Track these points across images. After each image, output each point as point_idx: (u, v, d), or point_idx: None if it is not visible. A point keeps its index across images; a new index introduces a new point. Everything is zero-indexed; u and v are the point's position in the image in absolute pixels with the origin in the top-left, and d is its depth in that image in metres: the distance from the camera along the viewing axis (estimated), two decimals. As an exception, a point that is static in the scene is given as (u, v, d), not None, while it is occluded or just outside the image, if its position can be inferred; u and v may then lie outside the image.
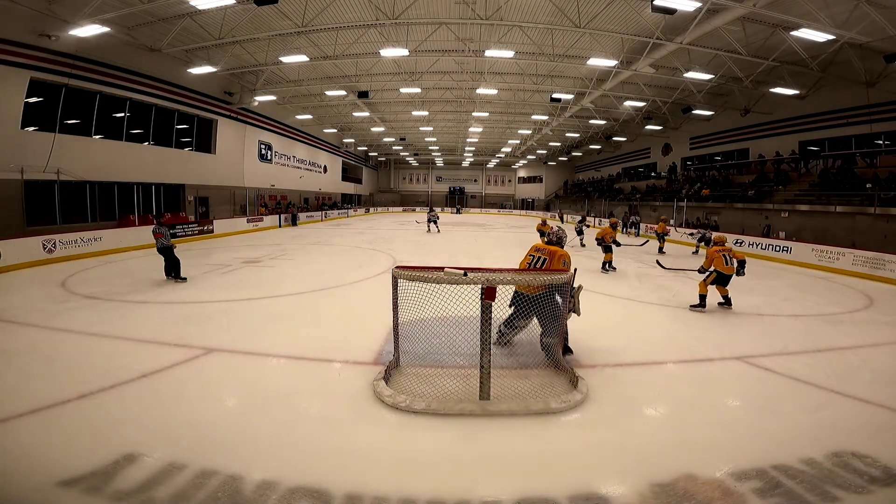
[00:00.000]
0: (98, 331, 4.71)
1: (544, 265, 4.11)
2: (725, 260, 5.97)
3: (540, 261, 4.18)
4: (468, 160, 43.75)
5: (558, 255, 4.14)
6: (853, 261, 10.03)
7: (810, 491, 2.27)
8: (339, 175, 35.46)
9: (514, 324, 4.06)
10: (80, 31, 10.86)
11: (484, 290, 3.11)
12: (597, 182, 36.58)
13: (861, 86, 14.14)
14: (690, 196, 21.03)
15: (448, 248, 14.00)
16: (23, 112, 11.04)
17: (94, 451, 2.47)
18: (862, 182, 14.16)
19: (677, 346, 4.69)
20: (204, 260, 10.08)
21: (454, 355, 3.74)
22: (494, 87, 18.55)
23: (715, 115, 20.63)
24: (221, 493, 2.17)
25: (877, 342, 4.99)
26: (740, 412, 3.28)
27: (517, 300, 3.88)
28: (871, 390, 3.55)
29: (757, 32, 12.21)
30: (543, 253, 4.22)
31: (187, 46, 13.85)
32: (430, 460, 2.56)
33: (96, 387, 3.30)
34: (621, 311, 6.22)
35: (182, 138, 17.28)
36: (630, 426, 2.99)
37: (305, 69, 17.29)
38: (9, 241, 8.62)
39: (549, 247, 4.28)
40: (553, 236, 4.43)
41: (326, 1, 11.92)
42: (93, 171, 13.10)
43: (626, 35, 13.03)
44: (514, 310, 3.96)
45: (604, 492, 2.26)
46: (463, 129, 29.19)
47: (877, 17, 10.24)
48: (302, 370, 3.86)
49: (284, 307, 5.98)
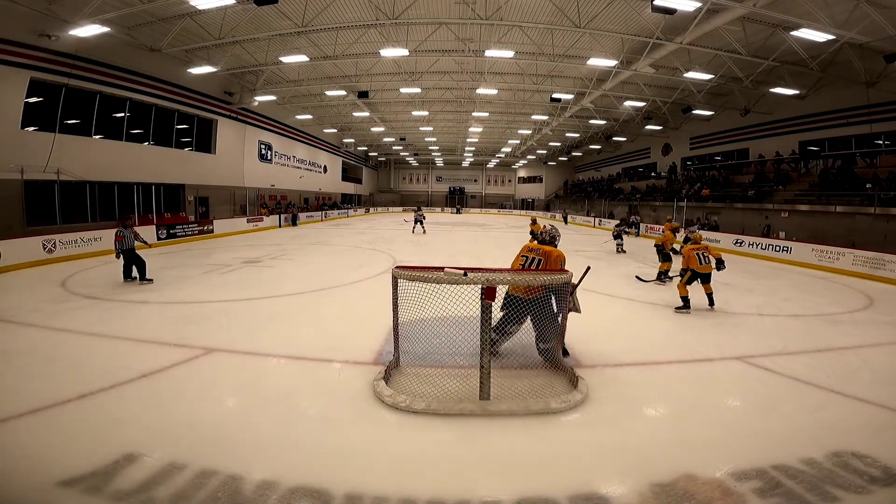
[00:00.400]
0: (98, 331, 4.70)
1: (539, 266, 3.91)
2: (700, 259, 5.93)
3: (534, 262, 3.96)
4: (468, 160, 43.76)
5: (554, 255, 3.94)
6: (853, 261, 10.03)
7: (810, 491, 2.27)
8: (339, 175, 35.47)
9: (506, 329, 3.78)
10: (80, 31, 10.87)
11: (484, 290, 3.11)
12: (597, 182, 36.59)
13: (861, 86, 14.14)
14: (690, 196, 21.03)
15: (448, 248, 14.01)
16: (23, 112, 11.04)
17: (94, 451, 2.47)
18: (862, 182, 14.16)
19: (677, 346, 4.69)
20: (204, 260, 10.08)
21: (454, 355, 3.74)
22: (494, 87, 18.55)
23: (715, 115, 20.63)
24: (221, 493, 2.17)
25: (877, 342, 4.98)
26: (740, 412, 3.28)
27: (509, 303, 3.66)
28: (871, 390, 3.55)
29: (757, 32, 12.21)
30: (538, 253, 4.00)
31: (187, 46, 13.85)
32: (430, 460, 2.56)
33: (96, 387, 3.29)
34: (621, 312, 6.22)
35: (182, 138, 17.28)
36: (630, 426, 2.99)
37: (305, 69, 17.30)
38: (9, 241, 8.61)
39: (542, 247, 4.07)
40: (546, 235, 4.17)
41: (326, 1, 11.92)
42: (93, 171, 13.10)
43: (626, 35, 13.04)
44: (505, 314, 3.69)
45: (604, 492, 2.26)
46: (463, 129, 29.20)
47: (877, 17, 10.24)
48: (302, 370, 3.86)
49: (284, 307, 5.98)
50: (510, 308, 3.67)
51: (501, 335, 3.82)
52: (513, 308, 3.66)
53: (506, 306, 3.68)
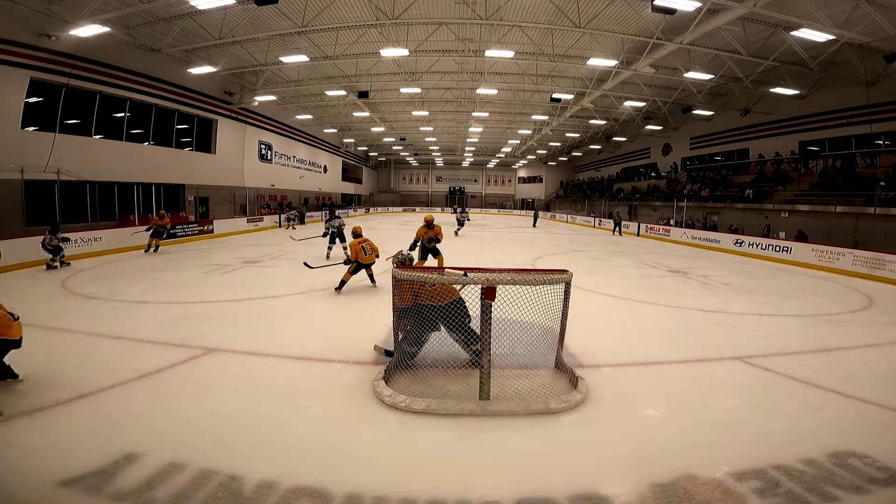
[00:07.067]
0: (98, 331, 4.70)
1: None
2: (364, 251, 6.79)
3: None
4: (468, 160, 43.74)
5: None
6: (853, 261, 10.03)
7: (810, 491, 2.27)
8: (339, 175, 35.47)
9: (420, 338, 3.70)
10: (80, 31, 10.86)
11: (484, 290, 3.11)
12: (597, 182, 36.58)
13: (861, 86, 14.14)
14: (690, 196, 21.03)
15: (447, 247, 13.97)
16: (23, 112, 11.03)
17: (94, 451, 2.47)
18: (862, 182, 14.16)
19: (677, 346, 4.68)
20: (204, 260, 10.08)
21: (454, 355, 3.73)
22: (494, 87, 18.54)
23: (715, 115, 20.62)
24: (221, 493, 2.17)
25: (877, 342, 4.98)
26: (740, 412, 3.27)
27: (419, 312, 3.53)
28: (871, 390, 3.55)
29: (757, 32, 12.21)
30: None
31: (187, 46, 13.84)
32: (429, 460, 2.56)
33: (96, 387, 3.30)
34: (621, 312, 6.22)
35: (182, 138, 17.28)
36: (630, 426, 2.99)
37: (305, 69, 17.29)
38: (9, 241, 8.61)
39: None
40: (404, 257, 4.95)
41: (326, 1, 11.92)
42: (93, 171, 13.09)
43: (626, 35, 13.03)
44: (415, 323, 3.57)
45: (604, 492, 2.26)
46: (463, 129, 29.19)
47: (877, 17, 10.23)
48: (302, 370, 3.86)
49: (284, 307, 5.98)
50: (420, 317, 3.55)
51: (417, 346, 3.74)
52: (424, 316, 3.54)
53: (415, 316, 3.56)
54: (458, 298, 3.66)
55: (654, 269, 10.08)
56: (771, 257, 12.34)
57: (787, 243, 12.36)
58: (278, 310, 5.81)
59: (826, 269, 10.51)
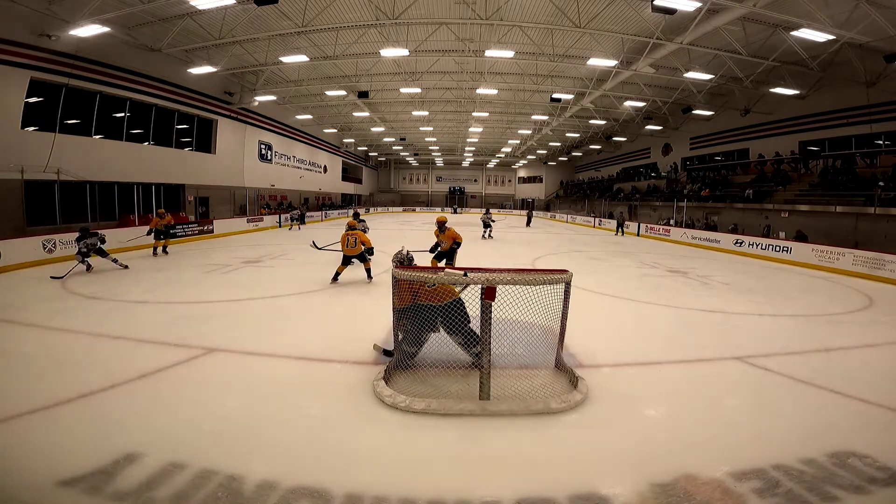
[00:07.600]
0: (98, 331, 4.70)
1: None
2: (347, 242, 7.15)
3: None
4: (468, 160, 43.75)
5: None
6: (853, 261, 10.02)
7: (810, 491, 2.27)
8: (339, 175, 35.48)
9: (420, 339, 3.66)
10: (80, 31, 10.86)
11: (484, 290, 3.10)
12: (597, 182, 36.57)
13: (861, 86, 14.14)
14: (690, 196, 21.03)
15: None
16: (23, 112, 11.03)
17: (94, 451, 2.47)
18: (862, 182, 14.15)
19: (677, 346, 4.68)
20: (204, 260, 10.08)
21: (454, 355, 3.73)
22: (494, 87, 18.54)
23: (715, 115, 20.62)
24: (221, 493, 2.17)
25: (877, 342, 4.98)
26: (740, 412, 3.27)
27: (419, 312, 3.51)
28: (871, 390, 3.55)
29: (757, 32, 12.21)
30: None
31: (187, 46, 13.84)
32: (430, 460, 2.56)
33: (96, 387, 3.29)
34: (621, 312, 6.21)
35: (182, 138, 17.28)
36: (630, 426, 2.99)
37: (305, 69, 17.29)
38: (9, 241, 8.61)
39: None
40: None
41: (326, 1, 11.92)
42: (93, 171, 13.09)
43: (626, 35, 13.03)
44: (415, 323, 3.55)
45: (604, 492, 2.26)
46: (463, 129, 29.19)
47: (877, 17, 10.24)
48: (302, 370, 3.86)
49: (284, 307, 5.97)
50: (419, 317, 3.53)
51: (417, 346, 3.70)
52: (423, 317, 3.53)
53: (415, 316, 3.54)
54: (457, 299, 3.66)
55: (654, 269, 10.08)
56: (771, 257, 12.34)
57: (787, 243, 12.36)
58: (278, 310, 5.80)
59: (826, 270, 10.51)
